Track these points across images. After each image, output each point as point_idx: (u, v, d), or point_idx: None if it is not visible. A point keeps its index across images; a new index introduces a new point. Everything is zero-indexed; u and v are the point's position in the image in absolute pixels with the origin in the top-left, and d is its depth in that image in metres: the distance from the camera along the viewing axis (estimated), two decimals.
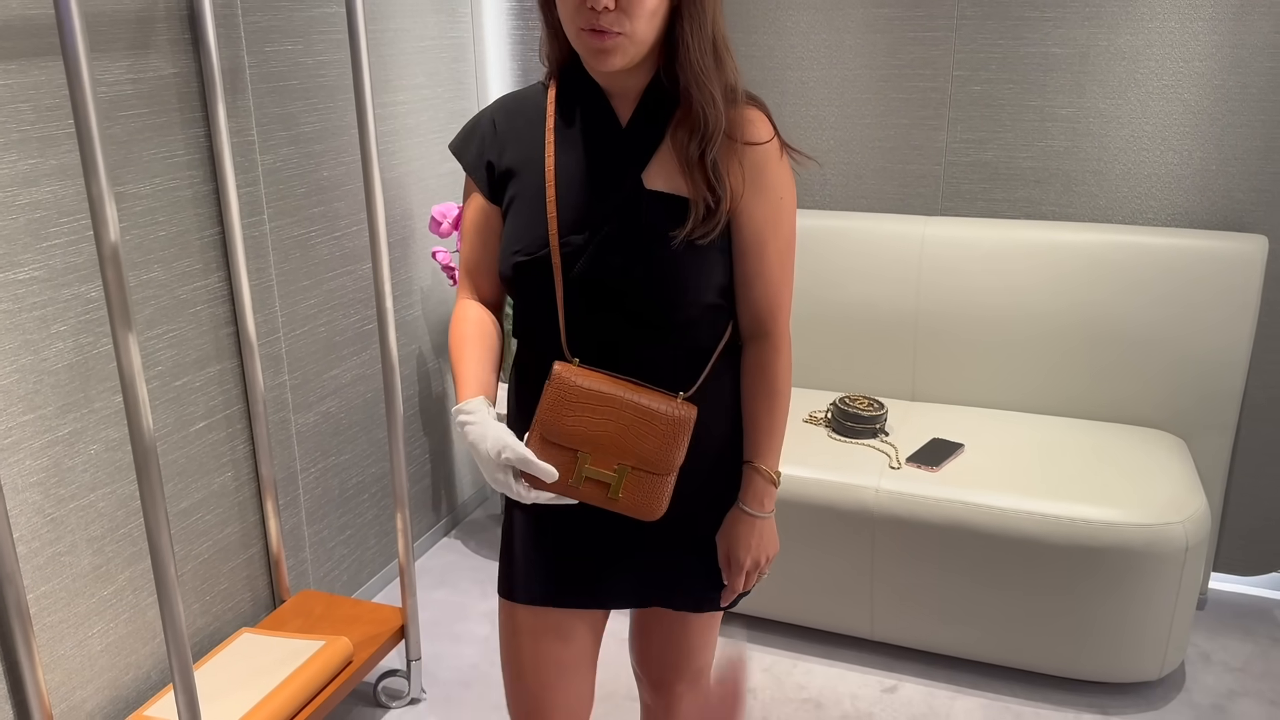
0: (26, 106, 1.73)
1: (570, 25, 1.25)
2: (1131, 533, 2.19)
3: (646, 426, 1.30)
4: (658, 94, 1.33)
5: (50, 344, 1.82)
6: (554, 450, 1.29)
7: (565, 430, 1.28)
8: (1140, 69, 2.59)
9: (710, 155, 1.29)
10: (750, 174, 1.32)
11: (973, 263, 2.71)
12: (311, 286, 2.46)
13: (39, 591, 1.84)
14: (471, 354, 1.37)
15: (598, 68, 1.26)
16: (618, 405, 1.29)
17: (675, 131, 1.31)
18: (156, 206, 2.01)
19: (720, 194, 1.30)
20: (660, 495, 1.33)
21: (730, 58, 1.31)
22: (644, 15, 1.22)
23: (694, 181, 1.30)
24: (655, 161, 1.33)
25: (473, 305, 1.42)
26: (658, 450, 1.30)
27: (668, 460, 1.31)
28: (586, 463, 1.29)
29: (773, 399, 1.41)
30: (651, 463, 1.31)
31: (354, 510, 2.71)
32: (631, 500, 1.32)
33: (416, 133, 2.82)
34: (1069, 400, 2.69)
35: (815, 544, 2.43)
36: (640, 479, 1.31)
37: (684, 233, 1.29)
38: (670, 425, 1.30)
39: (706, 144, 1.29)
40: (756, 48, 2.93)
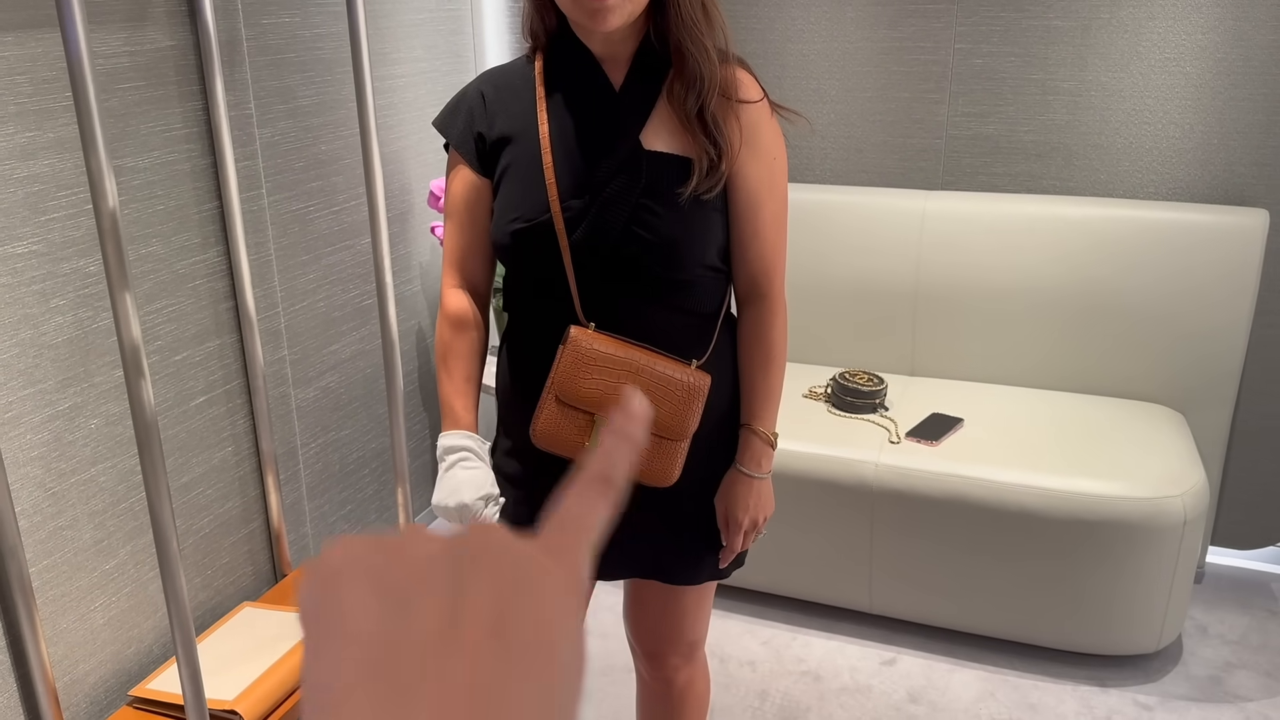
0: (24, 79, 1.72)
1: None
2: (1130, 506, 2.20)
3: (662, 392, 1.31)
4: (649, 56, 1.33)
5: (49, 318, 1.81)
6: (570, 414, 1.30)
7: (582, 394, 1.29)
8: (1142, 42, 2.58)
9: (709, 109, 1.30)
10: (745, 133, 1.33)
11: (973, 237, 2.70)
12: (310, 261, 2.46)
13: (41, 565, 1.85)
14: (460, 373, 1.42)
15: (596, 29, 1.25)
16: (634, 370, 1.30)
17: (670, 91, 1.32)
18: (155, 180, 2.00)
19: (721, 147, 1.31)
20: (674, 461, 1.34)
21: (719, 15, 1.32)
22: None
23: (694, 137, 1.31)
24: (652, 122, 1.33)
25: (459, 303, 1.43)
26: (673, 416, 1.32)
27: (682, 426, 1.32)
28: (603, 426, 1.29)
29: (769, 361, 1.42)
30: (667, 428, 1.32)
31: (354, 485, 2.72)
32: (646, 466, 1.33)
33: (414, 107, 2.80)
34: (1068, 375, 2.69)
35: (815, 518, 2.44)
36: (655, 445, 1.33)
37: (689, 188, 1.30)
38: (685, 392, 1.31)
39: (704, 98, 1.30)
40: (757, 20, 2.91)
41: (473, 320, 1.43)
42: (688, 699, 1.67)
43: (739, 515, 1.43)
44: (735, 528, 1.44)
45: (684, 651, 1.61)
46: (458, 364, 1.42)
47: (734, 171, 1.33)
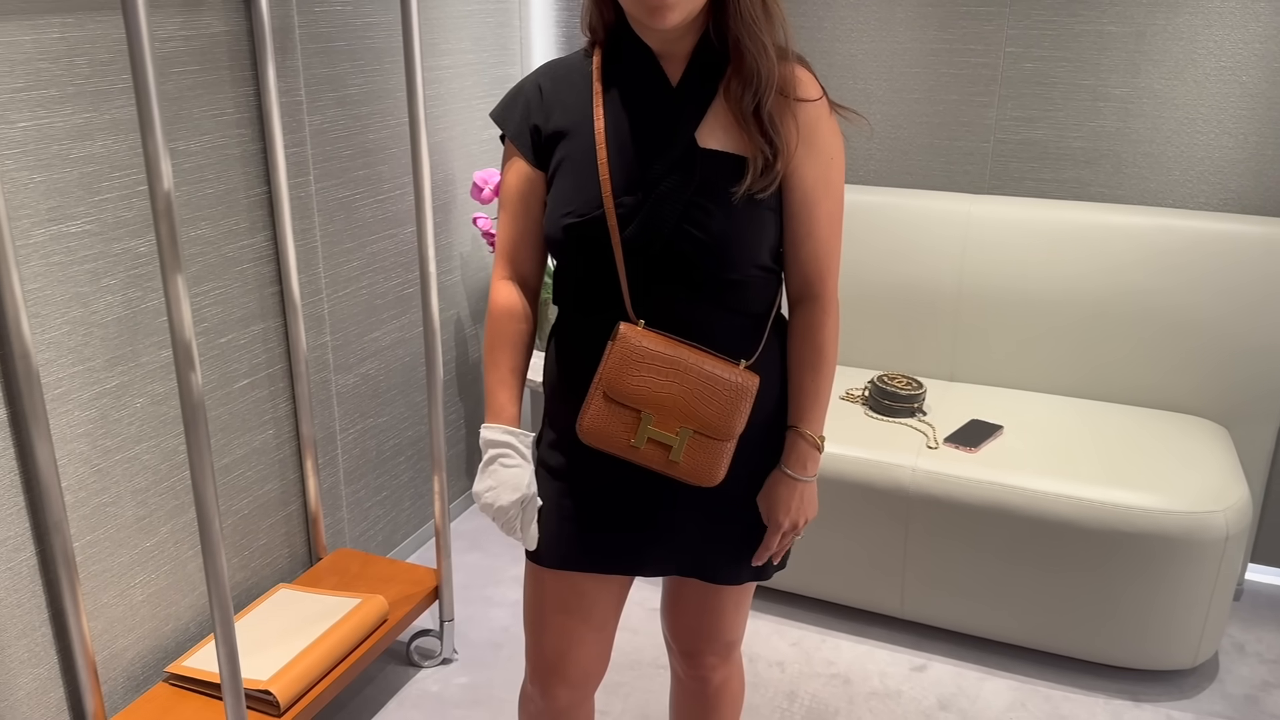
0: (82, 60, 1.74)
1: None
2: (1171, 520, 2.17)
3: (710, 391, 1.31)
4: (707, 53, 1.32)
5: (100, 297, 1.84)
6: (618, 410, 1.31)
7: (630, 391, 1.30)
8: (1198, 49, 2.54)
9: (765, 108, 1.29)
10: (802, 132, 1.32)
11: (1018, 243, 2.68)
12: (355, 249, 2.47)
13: (84, 541, 1.88)
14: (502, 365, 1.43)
15: (655, 25, 1.25)
16: (682, 368, 1.30)
17: (728, 88, 1.31)
18: (205, 164, 2.02)
19: (777, 146, 1.30)
20: (720, 460, 1.34)
21: (780, 11, 1.31)
22: None
23: (749, 136, 1.30)
24: (708, 120, 1.33)
25: (508, 295, 1.43)
26: (720, 415, 1.32)
27: (729, 426, 1.32)
28: (650, 423, 1.30)
29: (819, 363, 1.41)
30: (713, 428, 1.32)
31: (390, 471, 2.74)
32: (691, 465, 1.33)
33: (460, 98, 2.81)
34: (1111, 385, 2.66)
35: (850, 521, 2.43)
36: (701, 444, 1.32)
37: (743, 187, 1.29)
38: (734, 392, 1.31)
39: (761, 96, 1.29)
40: (806, 19, 2.90)
41: (521, 312, 1.43)
42: (723, 698, 1.66)
43: (780, 517, 1.43)
44: (775, 529, 1.44)
45: (721, 651, 1.61)
46: (504, 355, 1.42)
47: (790, 170, 1.32)
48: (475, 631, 2.54)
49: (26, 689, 1.80)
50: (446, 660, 2.43)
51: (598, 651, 1.53)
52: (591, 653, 1.52)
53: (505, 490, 1.37)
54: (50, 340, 1.76)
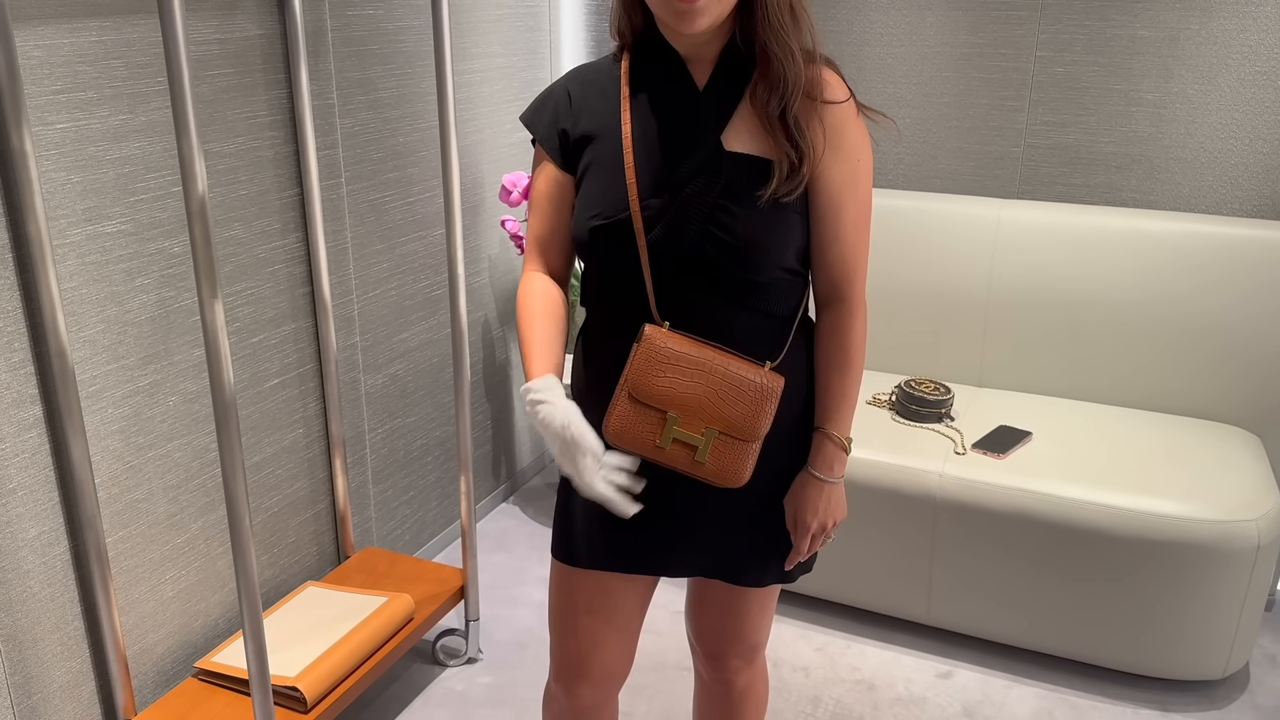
0: (119, 63, 1.77)
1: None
2: (1202, 529, 2.15)
3: (735, 392, 1.31)
4: (734, 57, 1.33)
5: (134, 296, 1.87)
6: (643, 411, 1.31)
7: (655, 391, 1.30)
8: (1233, 54, 2.52)
9: (791, 112, 1.30)
10: (829, 134, 1.32)
11: (1049, 248, 2.66)
12: (384, 250, 2.50)
13: (116, 537, 1.90)
14: (541, 329, 1.37)
15: (683, 30, 1.26)
16: (707, 369, 1.30)
17: (754, 91, 1.32)
18: (239, 166, 2.05)
19: (803, 150, 1.30)
20: (745, 462, 1.34)
21: (807, 16, 1.31)
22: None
23: (775, 139, 1.30)
24: (734, 123, 1.33)
25: (540, 278, 1.43)
26: (745, 416, 1.32)
27: (754, 427, 1.32)
28: (676, 425, 1.31)
29: (846, 365, 1.41)
30: (738, 428, 1.32)
31: (418, 472, 2.76)
32: (717, 465, 1.33)
33: (490, 101, 2.83)
34: (1142, 392, 2.63)
35: (876, 527, 2.42)
36: (726, 444, 1.32)
37: (769, 190, 1.30)
38: (758, 392, 1.31)
39: (787, 100, 1.30)
40: (835, 22, 2.90)
41: (555, 292, 1.43)
42: (747, 701, 1.66)
43: (808, 519, 1.43)
44: (803, 531, 1.44)
45: (745, 654, 1.61)
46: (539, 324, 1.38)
47: (816, 173, 1.33)
48: (500, 631, 2.55)
49: (59, 682, 1.83)
50: (471, 659, 2.44)
51: (622, 651, 1.54)
52: (616, 652, 1.53)
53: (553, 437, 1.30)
54: (85, 338, 1.79)
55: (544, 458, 3.41)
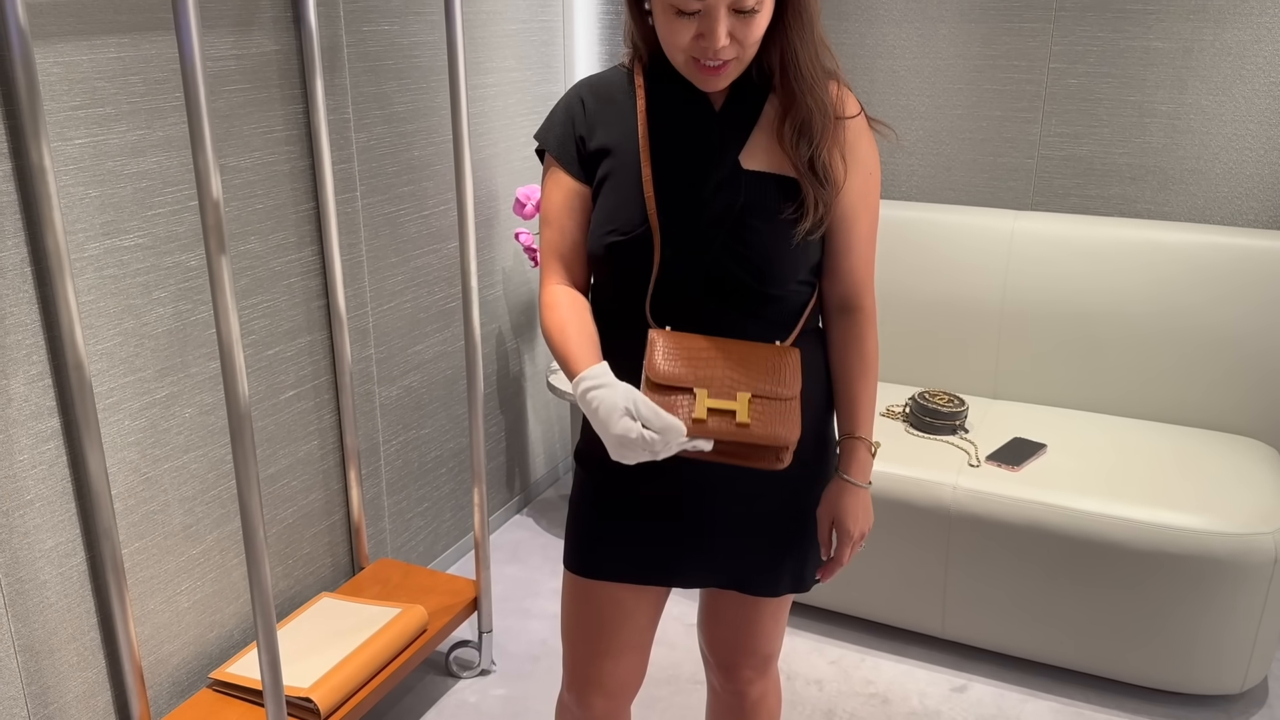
0: (137, 79, 1.79)
1: (677, 53, 1.27)
2: (1218, 541, 2.14)
3: (754, 356, 1.30)
4: (749, 79, 1.35)
5: (151, 309, 1.88)
6: (670, 393, 1.26)
7: (676, 373, 1.27)
8: (1247, 65, 2.51)
9: (820, 158, 1.31)
10: (844, 149, 1.34)
11: (1063, 259, 2.65)
12: (399, 263, 2.51)
13: (132, 548, 1.92)
14: (576, 330, 1.34)
15: (706, 89, 1.30)
16: (720, 347, 1.30)
17: (780, 125, 1.33)
18: (255, 180, 2.06)
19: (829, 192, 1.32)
20: (791, 418, 1.27)
21: (830, 53, 1.33)
22: (755, 41, 1.26)
23: (804, 179, 1.32)
24: (750, 142, 1.34)
25: (563, 289, 1.39)
26: (771, 374, 1.29)
27: (783, 385, 1.28)
28: (705, 396, 1.26)
29: (867, 370, 1.43)
30: (769, 387, 1.28)
31: (431, 483, 2.77)
32: (763, 427, 1.25)
33: (504, 115, 2.85)
34: (1157, 404, 2.62)
35: (890, 539, 2.41)
36: (765, 405, 1.27)
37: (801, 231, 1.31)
38: (776, 355, 1.31)
39: (817, 148, 1.31)
40: (848, 35, 2.91)
41: (583, 302, 1.40)
42: (760, 713, 1.66)
43: (850, 526, 1.43)
44: (846, 539, 1.44)
45: (757, 665, 1.61)
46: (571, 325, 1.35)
47: None
48: (513, 643, 2.56)
49: (75, 692, 1.84)
50: (485, 671, 2.44)
51: (634, 661, 1.54)
52: (628, 663, 1.53)
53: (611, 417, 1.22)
54: (103, 351, 1.81)
55: (558, 469, 3.41)
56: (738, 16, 1.22)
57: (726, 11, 1.21)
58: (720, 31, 1.21)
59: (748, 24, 1.23)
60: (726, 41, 1.22)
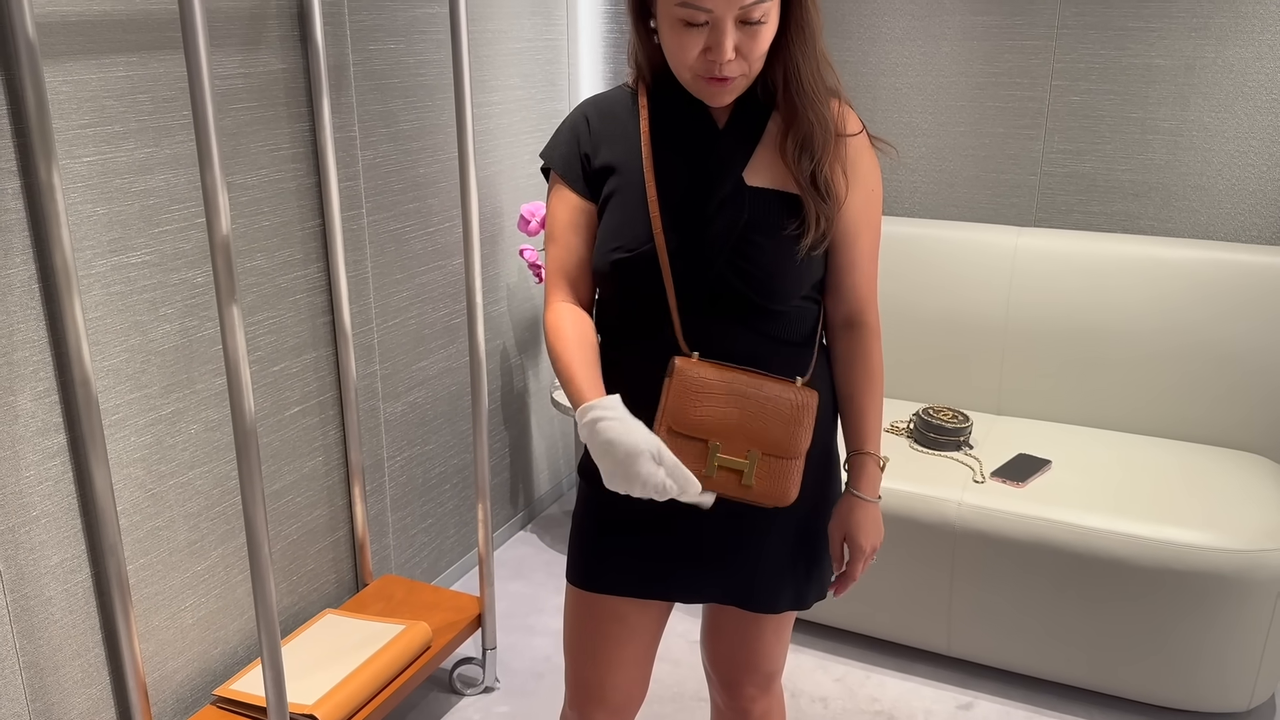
0: (145, 98, 1.80)
1: (684, 69, 1.28)
2: (1224, 558, 2.13)
3: (773, 411, 1.31)
4: (753, 97, 1.36)
5: (158, 326, 1.89)
6: (685, 442, 1.30)
7: (694, 421, 1.30)
8: (1249, 82, 2.52)
9: (822, 174, 1.33)
10: (846, 165, 1.35)
11: (1066, 276, 2.66)
12: (404, 280, 2.52)
13: (137, 564, 1.92)
14: (582, 356, 1.34)
15: (712, 104, 1.31)
16: (742, 393, 1.31)
17: (783, 141, 1.34)
18: (262, 197, 2.08)
19: (831, 205, 1.34)
20: (792, 478, 1.34)
21: (832, 70, 1.34)
22: (760, 55, 1.27)
23: (806, 195, 1.33)
24: (754, 159, 1.36)
25: (569, 308, 1.39)
26: (786, 435, 1.32)
27: (796, 443, 1.33)
28: (718, 452, 1.31)
29: (873, 385, 1.44)
30: (780, 447, 1.32)
31: (435, 499, 2.77)
32: (764, 487, 1.33)
33: (509, 132, 2.86)
34: (1162, 420, 2.62)
35: (894, 556, 2.41)
36: (771, 464, 1.32)
37: (804, 247, 1.32)
38: (794, 410, 1.32)
39: (818, 162, 1.33)
40: (851, 53, 2.92)
41: (589, 324, 1.40)
42: None
43: (861, 541, 1.44)
44: (858, 554, 1.45)
45: (760, 682, 1.60)
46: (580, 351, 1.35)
47: None
48: (517, 660, 2.55)
49: (80, 709, 1.84)
50: (488, 688, 2.44)
51: (637, 676, 1.54)
52: (631, 677, 1.53)
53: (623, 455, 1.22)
54: (109, 367, 1.81)
55: (561, 485, 3.41)
56: (744, 29, 1.23)
57: (733, 24, 1.22)
58: (728, 45, 1.22)
59: (754, 37, 1.24)
60: (733, 55, 1.24)
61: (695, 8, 1.21)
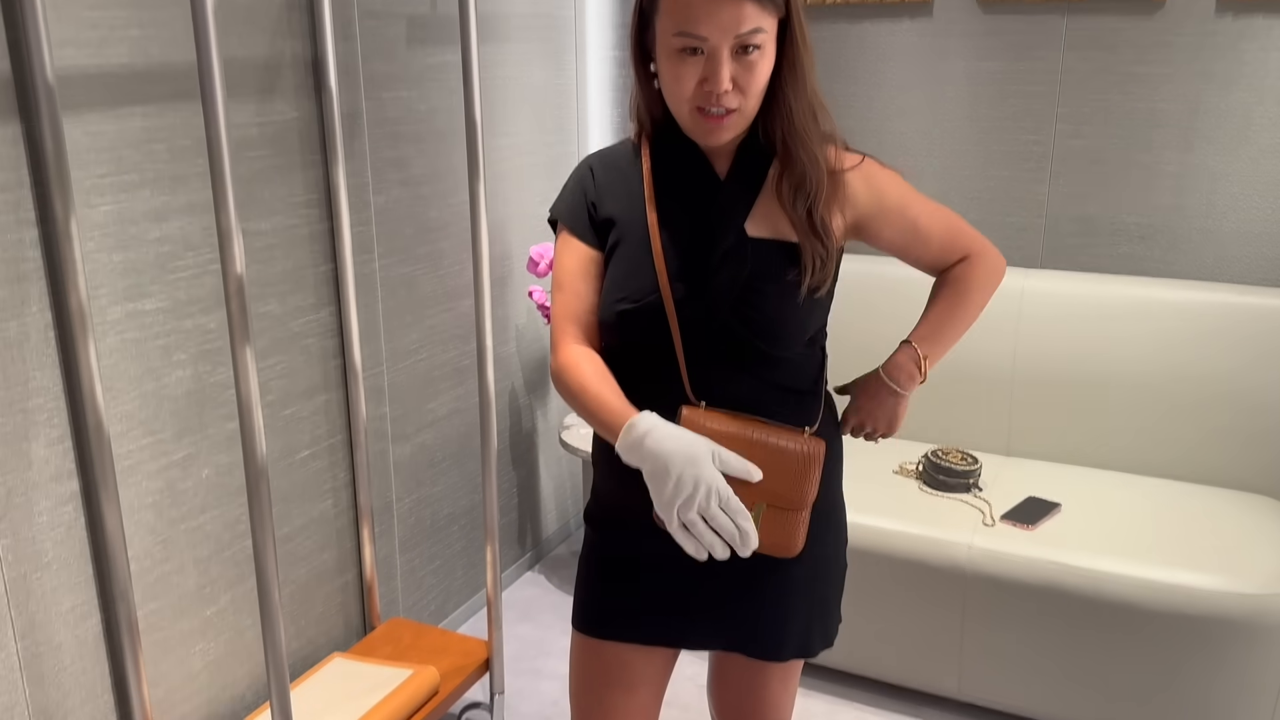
0: (162, 147, 1.83)
1: (682, 104, 1.30)
2: (1235, 603, 2.12)
3: (780, 463, 1.31)
4: (753, 146, 1.37)
5: (171, 371, 1.91)
6: None
7: None
8: (1252, 126, 2.54)
9: (817, 212, 1.34)
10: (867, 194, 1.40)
11: (1073, 317, 2.67)
12: (414, 322, 2.54)
13: (147, 609, 1.92)
14: (608, 384, 1.34)
15: (708, 143, 1.33)
16: (749, 444, 1.30)
17: (779, 187, 1.36)
18: (275, 243, 2.10)
19: (828, 246, 1.35)
20: (798, 530, 1.33)
21: (825, 112, 1.36)
22: (757, 91, 1.29)
23: (803, 239, 1.35)
24: (755, 210, 1.37)
25: (583, 349, 1.39)
26: (792, 486, 1.31)
27: (802, 495, 1.32)
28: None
29: (957, 296, 1.49)
30: (787, 499, 1.32)
31: (443, 541, 2.77)
32: (771, 538, 1.32)
33: (518, 176, 2.89)
34: (1171, 461, 2.61)
35: (905, 600, 2.40)
36: (777, 516, 1.32)
37: (804, 288, 1.34)
38: (803, 460, 1.31)
39: (813, 201, 1.34)
40: (856, 98, 2.95)
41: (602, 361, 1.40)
42: None
43: (848, 413, 1.53)
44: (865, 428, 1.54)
45: None
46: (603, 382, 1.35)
47: (873, 232, 1.43)
48: (525, 704, 2.54)
49: None
50: None
51: None
52: None
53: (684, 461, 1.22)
54: (123, 413, 1.83)
55: (569, 525, 3.41)
56: (740, 60, 1.26)
57: (729, 54, 1.25)
58: (724, 74, 1.25)
59: (750, 69, 1.26)
60: (729, 86, 1.25)
61: (691, 35, 1.24)
